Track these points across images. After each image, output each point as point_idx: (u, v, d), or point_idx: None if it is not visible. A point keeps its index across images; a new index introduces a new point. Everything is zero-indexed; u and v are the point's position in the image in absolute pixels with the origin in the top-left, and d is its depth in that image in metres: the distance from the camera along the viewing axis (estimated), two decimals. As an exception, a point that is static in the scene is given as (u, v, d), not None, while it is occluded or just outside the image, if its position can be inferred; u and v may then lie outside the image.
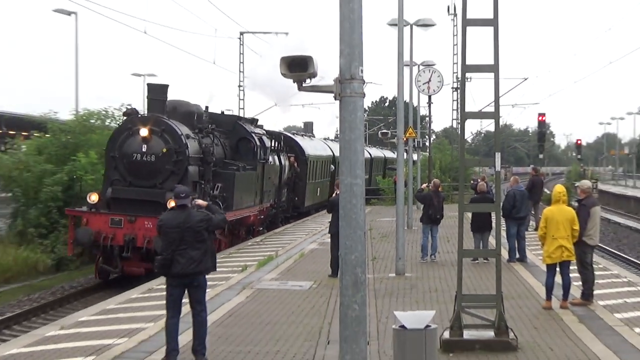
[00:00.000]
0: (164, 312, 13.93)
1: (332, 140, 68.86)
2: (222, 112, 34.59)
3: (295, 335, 15.49)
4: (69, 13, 45.70)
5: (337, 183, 12.84)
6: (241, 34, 62.80)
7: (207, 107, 31.33)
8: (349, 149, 7.80)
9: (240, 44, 62.73)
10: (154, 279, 21.98)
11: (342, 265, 7.84)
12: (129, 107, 28.57)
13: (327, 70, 8.32)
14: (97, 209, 26.68)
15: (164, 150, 25.57)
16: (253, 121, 37.17)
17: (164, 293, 13.61)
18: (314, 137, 62.85)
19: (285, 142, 44.45)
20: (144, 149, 25.74)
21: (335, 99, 7.70)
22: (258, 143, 33.29)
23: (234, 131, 32.92)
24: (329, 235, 23.50)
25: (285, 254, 28.55)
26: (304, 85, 8.36)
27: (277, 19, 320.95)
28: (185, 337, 13.50)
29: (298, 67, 8.18)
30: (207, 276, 13.62)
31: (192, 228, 13.23)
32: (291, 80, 8.43)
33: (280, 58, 8.23)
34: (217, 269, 14.63)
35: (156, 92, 27.32)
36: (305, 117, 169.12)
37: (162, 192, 25.42)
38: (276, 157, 39.96)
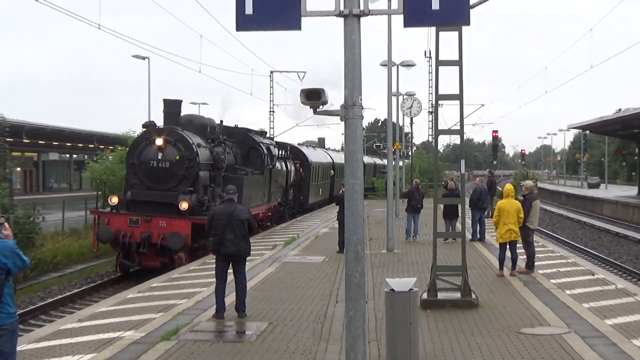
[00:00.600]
0: (197, 289, 14.03)
1: (332, 150, 65.86)
2: (236, 125, 31.57)
3: (312, 297, 15.51)
4: (143, 58, 45.81)
5: (343, 183, 12.21)
6: (271, 72, 62.72)
7: (221, 121, 28.91)
8: (352, 158, 7.79)
9: (270, 80, 62.69)
10: (171, 270, 21.09)
11: (346, 244, 7.79)
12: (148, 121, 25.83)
13: (338, 97, 8.36)
14: (117, 210, 24.61)
15: (177, 157, 23.51)
16: (262, 133, 34.60)
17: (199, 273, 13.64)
18: (318, 147, 59.94)
19: (292, 151, 41.63)
20: (159, 157, 23.58)
21: (341, 120, 7.69)
22: (265, 151, 30.52)
23: (244, 141, 30.08)
24: (337, 222, 23.59)
25: (304, 236, 28.55)
26: (318, 110, 8.38)
27: (299, 61, 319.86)
28: (229, 299, 13.57)
29: (313, 97, 8.20)
30: None
31: (237, 218, 13.28)
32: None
33: (300, 90, 8.27)
34: (253, 248, 14.66)
35: (171, 107, 25.20)
36: (319, 134, 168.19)
37: (175, 194, 23.43)
38: (283, 163, 37.00)
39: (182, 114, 26.28)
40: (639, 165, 72.88)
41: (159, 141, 23.07)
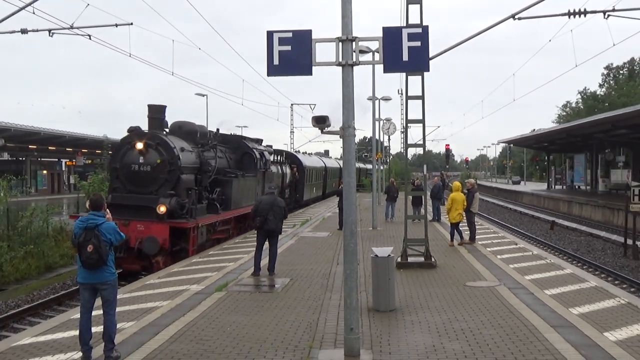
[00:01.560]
0: (241, 256, 14.03)
1: (329, 157, 61.31)
2: (232, 134, 25.39)
3: (320, 260, 15.50)
4: (203, 95, 45.79)
5: (341, 181, 11.33)
6: (291, 104, 62.83)
7: (218, 129, 23.05)
8: (348, 163, 7.76)
9: (291, 111, 62.75)
10: (152, 273, 15.21)
11: (344, 224, 7.80)
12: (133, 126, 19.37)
13: (338, 119, 8.32)
14: None
15: (159, 161, 17.78)
16: (258, 140, 27.87)
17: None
18: (314, 154, 52.80)
19: (288, 157, 36.29)
20: (141, 160, 17.86)
21: (340, 137, 7.69)
22: (258, 156, 24.62)
23: (239, 147, 24.04)
24: (338, 208, 23.53)
25: (314, 219, 28.54)
26: (324, 131, 8.38)
27: (311, 95, 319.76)
28: (263, 263, 13.57)
29: (321, 121, 8.18)
30: None
31: (278, 205, 13.37)
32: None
33: (312, 117, 8.27)
34: None
35: (155, 112, 19.00)
36: (326, 146, 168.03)
37: (155, 198, 17.45)
38: (279, 167, 31.10)
39: (180, 122, 20.80)
40: (547, 169, 72.72)
41: (140, 145, 17.80)
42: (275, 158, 30.59)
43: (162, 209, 16.98)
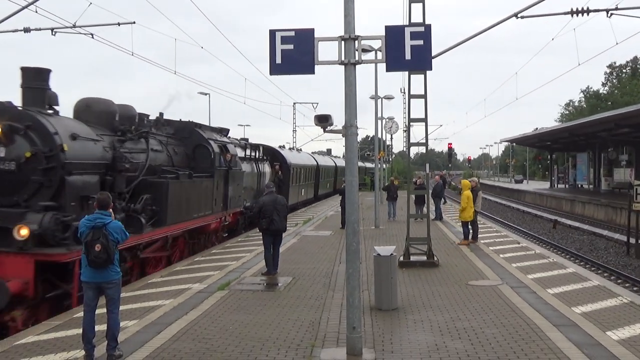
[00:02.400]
0: (243, 254, 14.04)
1: (326, 154, 55.02)
2: (181, 120, 18.76)
3: (323, 259, 15.48)
4: (205, 94, 45.71)
5: (344, 180, 10.85)
6: (294, 103, 62.74)
7: (161, 113, 17.40)
8: (350, 162, 7.75)
9: (293, 109, 62.71)
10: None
11: (346, 222, 7.79)
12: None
13: (340, 120, 8.30)
14: None
15: (28, 154, 11.10)
16: (222, 130, 21.43)
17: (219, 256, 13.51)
18: (300, 150, 45.36)
19: (268, 153, 29.37)
20: (2, 154, 11.15)
21: (343, 136, 7.69)
22: (217, 150, 18.30)
23: (190, 138, 17.84)
24: (340, 207, 23.48)
25: (317, 217, 28.54)
26: (326, 129, 8.38)
27: (313, 94, 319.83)
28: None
29: (323, 120, 8.18)
30: None
31: (280, 204, 13.29)
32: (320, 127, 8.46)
33: (314, 116, 8.27)
34: None
35: (31, 78, 11.87)
36: (328, 145, 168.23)
37: (19, 213, 10.88)
38: (254, 165, 24.75)
39: (89, 98, 14.17)
40: (550, 168, 72.61)
41: None
42: (250, 154, 24.45)
43: (24, 232, 10.51)
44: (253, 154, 24.99)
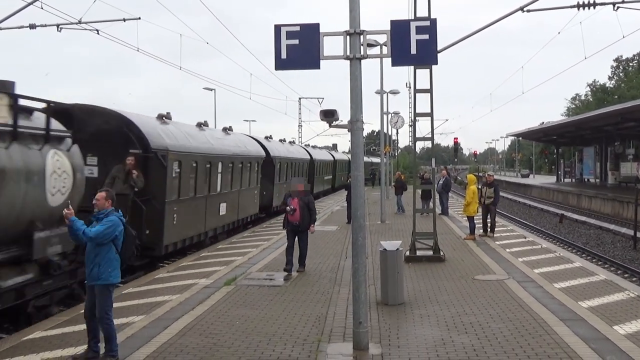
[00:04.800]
0: (249, 250, 14.00)
1: (312, 146, 46.80)
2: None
3: (329, 254, 15.49)
4: (211, 89, 45.66)
5: (350, 175, 10.52)
6: (299, 98, 62.73)
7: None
8: (356, 157, 7.75)
9: (299, 104, 62.71)
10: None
11: (352, 217, 7.81)
12: None
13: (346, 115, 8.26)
14: None
15: None
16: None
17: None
18: (294, 143, 40.85)
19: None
20: None
21: (348, 131, 7.69)
22: None
23: None
24: (346, 202, 23.42)
25: (323, 212, 28.51)
26: (332, 124, 8.38)
27: (319, 89, 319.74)
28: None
29: (329, 115, 8.19)
30: None
31: (308, 203, 12.92)
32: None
33: (320, 111, 8.27)
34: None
35: None
36: (334, 140, 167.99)
37: None
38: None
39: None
40: (556, 162, 72.43)
41: None
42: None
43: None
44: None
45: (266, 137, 30.64)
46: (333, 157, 50.90)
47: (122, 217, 7.34)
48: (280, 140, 35.02)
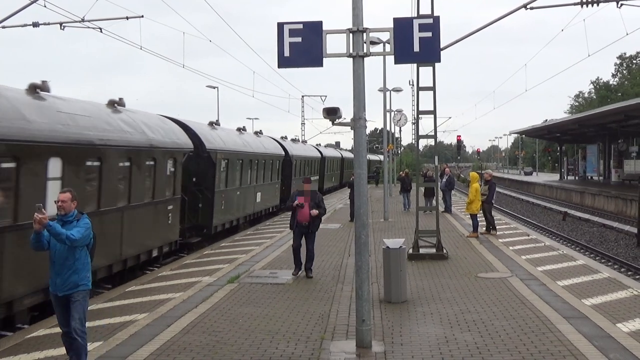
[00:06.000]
0: (252, 248, 14.03)
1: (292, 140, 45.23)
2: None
3: (332, 252, 15.50)
4: (214, 87, 45.60)
5: (353, 172, 10.04)
6: (302, 96, 62.65)
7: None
8: (359, 155, 7.73)
9: (302, 102, 62.63)
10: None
11: (355, 215, 7.79)
12: None
13: (349, 113, 8.26)
14: None
15: None
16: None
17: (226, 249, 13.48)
18: (306, 142, 42.72)
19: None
20: None
21: (351, 129, 7.68)
22: None
23: None
24: (349, 200, 23.39)
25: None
26: (335, 122, 8.37)
27: (322, 87, 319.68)
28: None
29: (332, 113, 8.18)
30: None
31: (318, 203, 12.35)
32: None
33: (323, 108, 8.26)
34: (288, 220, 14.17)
35: None
36: (336, 138, 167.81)
37: None
38: None
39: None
40: (559, 159, 72.33)
41: None
42: None
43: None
44: None
45: (282, 137, 34.09)
46: (341, 154, 52.97)
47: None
48: (292, 140, 37.63)
